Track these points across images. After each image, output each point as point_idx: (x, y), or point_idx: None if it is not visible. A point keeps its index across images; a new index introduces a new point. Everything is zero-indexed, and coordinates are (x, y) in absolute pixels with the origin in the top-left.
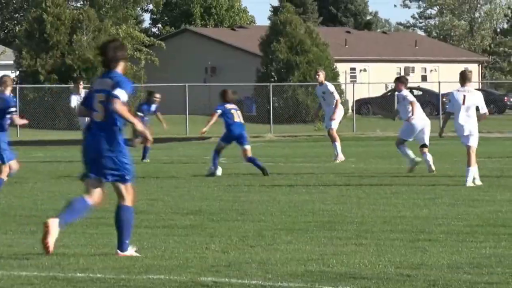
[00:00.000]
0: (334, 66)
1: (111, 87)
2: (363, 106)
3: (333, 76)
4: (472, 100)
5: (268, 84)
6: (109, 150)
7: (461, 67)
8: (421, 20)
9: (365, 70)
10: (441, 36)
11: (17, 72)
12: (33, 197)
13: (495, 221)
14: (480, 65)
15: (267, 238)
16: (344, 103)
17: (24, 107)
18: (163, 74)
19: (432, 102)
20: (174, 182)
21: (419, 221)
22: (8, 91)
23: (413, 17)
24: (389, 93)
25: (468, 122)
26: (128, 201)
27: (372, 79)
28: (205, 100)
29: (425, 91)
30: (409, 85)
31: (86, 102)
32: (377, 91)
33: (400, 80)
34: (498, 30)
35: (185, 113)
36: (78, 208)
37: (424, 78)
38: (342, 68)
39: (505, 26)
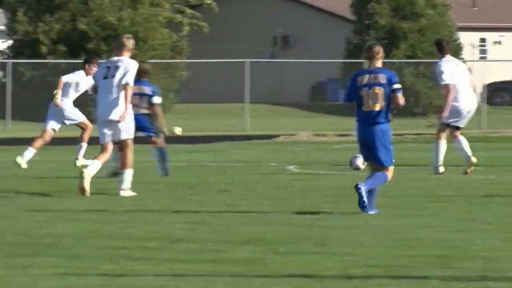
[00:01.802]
0: (457, 37)
1: None
2: (497, 92)
3: (454, 50)
4: None
5: (363, 61)
6: None
7: None
8: None
9: (500, 42)
10: None
11: (10, 42)
12: (26, 217)
13: None
14: None
15: (355, 280)
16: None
17: (18, 90)
18: (214, 46)
19: None
20: (225, 198)
21: None
22: None
23: None
24: None
25: None
26: None
27: (508, 54)
28: (273, 83)
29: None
30: None
31: None
32: None
33: None
34: None
35: (244, 100)
36: None
37: None
38: (468, 39)
39: None
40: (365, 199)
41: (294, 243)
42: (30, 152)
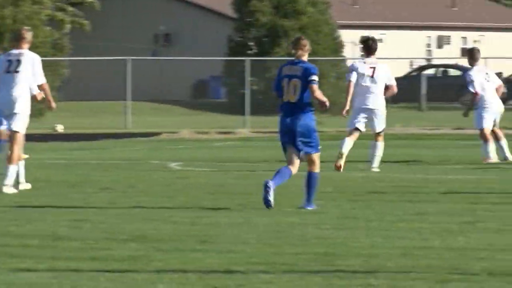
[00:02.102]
0: (337, 35)
1: None
2: None
3: (335, 48)
4: None
5: (244, 58)
6: None
7: None
8: None
9: (381, 40)
10: None
11: None
12: None
13: None
14: None
15: (237, 277)
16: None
17: None
18: (95, 44)
19: None
20: (108, 196)
21: (452, 254)
22: None
23: None
24: (414, 73)
25: None
26: None
27: (390, 52)
28: (155, 81)
29: (465, 70)
30: (443, 61)
31: None
32: (398, 70)
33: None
34: None
35: (126, 98)
36: None
37: (464, 52)
38: (349, 37)
39: None
40: (271, 197)
41: (177, 240)
42: None
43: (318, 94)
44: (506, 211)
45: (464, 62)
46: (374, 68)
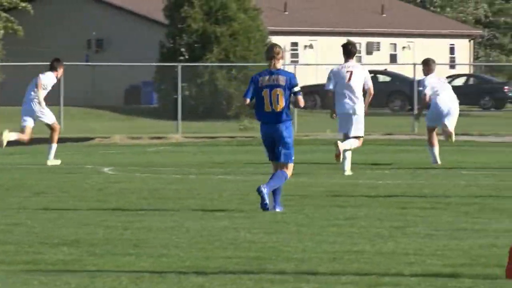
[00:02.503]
0: (269, 40)
1: None
2: (309, 96)
3: None
4: None
5: (176, 64)
6: None
7: (445, 42)
8: None
9: (311, 46)
10: (419, 0)
11: None
12: None
13: (488, 259)
14: (471, 41)
15: (170, 280)
16: None
17: None
18: (28, 49)
19: (404, 92)
20: (42, 200)
21: (383, 258)
22: None
23: None
24: None
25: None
26: None
27: (321, 58)
28: (87, 86)
29: (394, 76)
30: (373, 67)
31: None
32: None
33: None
34: None
35: (59, 103)
36: None
37: (393, 58)
38: (280, 42)
39: None
40: (267, 201)
41: (110, 244)
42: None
43: (303, 103)
44: (436, 216)
45: (393, 68)
46: (351, 72)
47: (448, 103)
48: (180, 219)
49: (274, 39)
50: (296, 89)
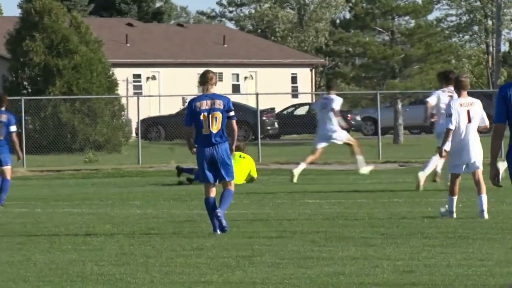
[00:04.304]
0: (111, 73)
1: None
2: (152, 128)
3: (109, 86)
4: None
5: (19, 98)
6: None
7: (287, 72)
8: (231, 9)
9: (154, 77)
10: (260, 30)
11: None
12: None
13: (335, 287)
14: (313, 70)
15: None
16: (127, 123)
17: None
18: None
19: (248, 122)
20: None
21: (230, 287)
22: None
23: (219, 3)
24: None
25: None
26: None
27: (164, 90)
28: None
29: (237, 106)
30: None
31: None
32: (171, 107)
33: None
34: (338, 21)
35: None
36: None
37: (236, 89)
38: (122, 74)
39: (347, 15)
40: (225, 223)
41: None
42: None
43: (236, 128)
44: (282, 245)
45: (236, 98)
46: (326, 100)
47: None
48: (27, 253)
49: (117, 71)
50: (231, 113)
